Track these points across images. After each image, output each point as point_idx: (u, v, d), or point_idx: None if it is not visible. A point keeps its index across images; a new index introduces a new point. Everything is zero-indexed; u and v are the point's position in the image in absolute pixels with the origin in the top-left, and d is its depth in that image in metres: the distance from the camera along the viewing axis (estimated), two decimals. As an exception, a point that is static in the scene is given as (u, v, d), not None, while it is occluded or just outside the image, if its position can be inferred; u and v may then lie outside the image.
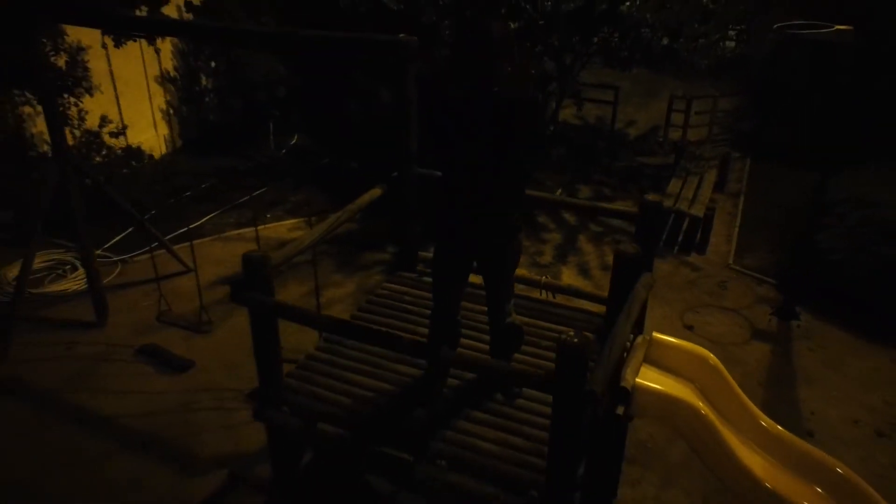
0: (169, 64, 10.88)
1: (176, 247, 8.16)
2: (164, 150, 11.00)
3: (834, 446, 5.36)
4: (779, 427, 4.30)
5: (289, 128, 11.80)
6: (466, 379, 3.81)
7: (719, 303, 7.52)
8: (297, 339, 5.42)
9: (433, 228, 3.67)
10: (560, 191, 6.94)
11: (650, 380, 3.98)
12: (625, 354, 4.07)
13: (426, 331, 3.94)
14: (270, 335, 3.46)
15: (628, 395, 3.85)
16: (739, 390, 4.30)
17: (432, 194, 3.70)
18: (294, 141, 11.75)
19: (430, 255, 4.89)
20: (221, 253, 8.38)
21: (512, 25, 6.91)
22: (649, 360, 4.24)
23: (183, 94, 11.21)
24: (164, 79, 10.82)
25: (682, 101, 11.36)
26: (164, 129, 10.98)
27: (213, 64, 11.51)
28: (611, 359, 2.94)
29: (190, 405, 5.95)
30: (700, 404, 3.97)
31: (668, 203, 8.69)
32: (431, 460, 3.30)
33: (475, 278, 4.12)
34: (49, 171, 6.45)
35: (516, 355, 3.97)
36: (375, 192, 4.57)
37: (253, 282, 3.31)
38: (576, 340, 2.68)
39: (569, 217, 9.46)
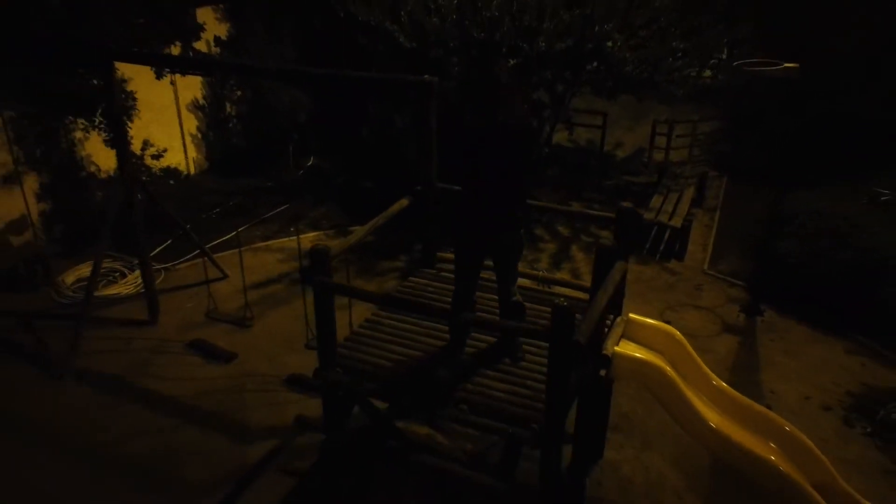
0: (198, 93, 11.97)
1: (199, 260, 9.22)
2: (192, 171, 12.04)
3: (787, 417, 6.27)
4: (732, 389, 5.33)
5: (306, 150, 12.86)
6: (480, 349, 4.81)
7: (695, 302, 8.55)
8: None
9: (453, 229, 4.70)
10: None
11: (627, 350, 5.01)
12: (606, 330, 5.11)
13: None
14: (329, 310, 4.46)
15: (609, 361, 4.88)
16: (699, 360, 5.33)
17: (454, 202, 4.70)
18: (311, 162, 12.81)
19: (447, 254, 5.92)
20: (252, 262, 9.37)
21: (511, 62, 8.01)
22: (626, 336, 5.27)
23: (210, 120, 12.29)
24: (193, 106, 11.91)
25: (665, 126, 12.51)
26: (192, 152, 12.04)
27: (238, 93, 12.61)
28: (592, 318, 3.94)
29: (237, 388, 6.93)
30: (667, 368, 5.00)
31: (650, 216, 9.77)
32: (455, 405, 4.29)
33: (484, 273, 5.15)
34: (116, 188, 7.46)
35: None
36: (403, 202, 5.60)
37: (318, 268, 4.32)
38: (565, 304, 3.70)
39: (562, 229, 10.52)
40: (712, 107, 14.22)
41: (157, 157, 10.15)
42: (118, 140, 7.22)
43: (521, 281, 5.39)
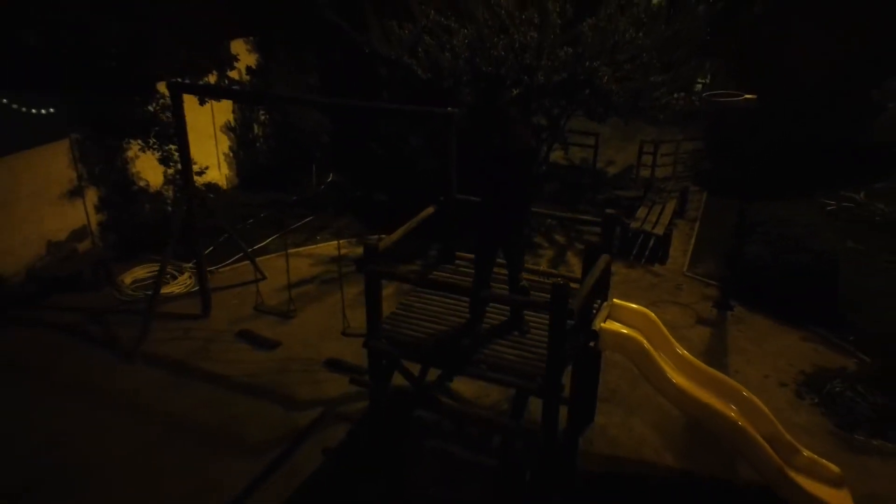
0: (230, 116, 13.26)
1: (240, 265, 10.46)
2: (225, 186, 13.30)
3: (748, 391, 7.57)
4: (698, 361, 6.57)
5: (326, 167, 14.13)
6: (494, 324, 6.03)
7: (675, 299, 9.79)
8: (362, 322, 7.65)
9: (474, 231, 5.94)
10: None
11: (611, 326, 6.25)
12: (594, 312, 6.34)
13: (467, 300, 6.17)
14: (377, 292, 5.68)
15: (596, 335, 6.11)
16: (671, 337, 6.57)
17: (475, 210, 5.93)
18: (330, 178, 14.08)
19: (464, 253, 7.15)
20: (285, 265, 10.59)
21: (514, 92, 9.30)
22: (611, 317, 6.50)
23: (240, 140, 13.58)
24: (226, 128, 13.20)
25: (651, 146, 13.84)
26: (225, 170, 13.31)
27: (263, 116, 13.91)
28: (581, 294, 5.17)
29: (283, 370, 8.13)
30: (643, 341, 6.22)
31: (636, 225, 11.05)
32: (476, 365, 5.51)
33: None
34: (180, 200, 8.71)
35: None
36: (430, 209, 6.84)
37: (369, 259, 5.55)
38: (561, 283, 4.93)
39: (559, 238, 11.79)
40: (695, 128, 15.58)
41: (199, 173, 11.39)
42: (183, 159, 8.47)
43: (524, 275, 6.64)
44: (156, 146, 10.55)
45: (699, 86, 13.20)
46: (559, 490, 6.14)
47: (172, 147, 10.75)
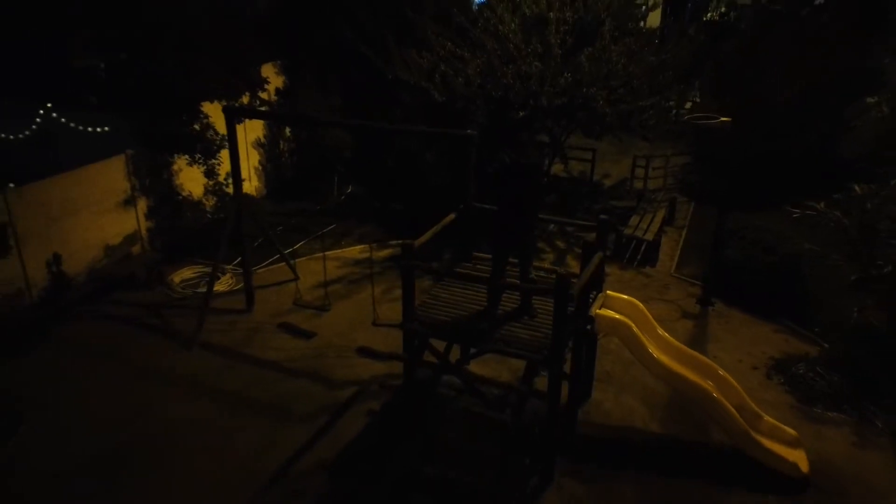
0: (260, 133, 14.53)
1: (275, 266, 11.68)
2: (255, 197, 14.55)
3: (724, 372, 8.77)
4: (678, 342, 7.80)
5: (345, 179, 15.38)
6: (508, 310, 7.24)
7: (663, 297, 11.02)
8: (387, 315, 8.89)
9: (492, 234, 7.18)
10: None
11: (605, 313, 7.47)
12: (591, 301, 7.57)
13: (485, 289, 7.40)
14: (411, 284, 6.89)
15: (593, 320, 7.34)
16: (654, 321, 7.81)
17: (493, 216, 7.16)
18: (349, 190, 15.33)
19: (481, 254, 8.38)
20: (315, 267, 11.78)
21: (520, 114, 10.56)
22: (605, 306, 7.74)
23: (268, 155, 14.84)
24: (256, 144, 14.47)
25: (643, 160, 15.11)
26: (255, 181, 14.56)
27: (289, 133, 15.20)
28: (580, 282, 6.40)
29: (320, 356, 9.33)
30: (632, 325, 7.45)
31: (628, 231, 12.29)
32: (494, 342, 6.72)
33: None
34: (231, 208, 9.95)
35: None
36: (451, 216, 8.07)
37: (406, 255, 6.77)
38: (563, 273, 6.16)
39: (559, 243, 13.03)
40: (684, 144, 16.87)
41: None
42: (234, 172, 9.71)
43: (532, 270, 7.88)
44: (200, 160, 11.81)
45: (689, 104, 14.47)
46: (562, 450, 7.34)
47: (215, 161, 12.04)
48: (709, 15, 30.49)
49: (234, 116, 9.37)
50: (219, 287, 11.04)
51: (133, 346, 9.46)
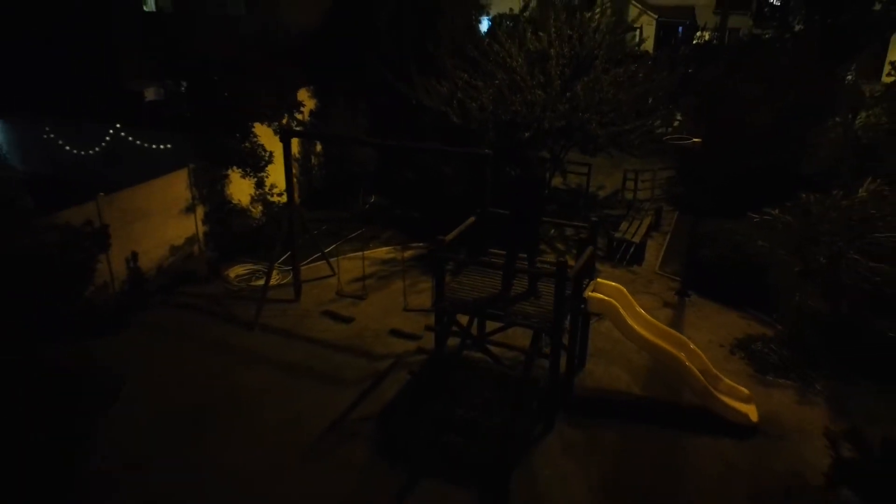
0: (296, 149, 16.42)
1: (313, 264, 13.53)
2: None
3: (695, 349, 10.60)
4: (655, 320, 9.65)
5: (369, 190, 17.26)
6: (518, 292, 9.08)
7: (648, 290, 12.85)
8: (414, 303, 10.74)
9: (506, 234, 9.04)
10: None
11: (596, 295, 9.33)
12: (585, 287, 9.42)
13: (500, 276, 9.25)
14: (442, 271, 8.74)
15: (586, 301, 9.20)
16: (636, 303, 9.67)
17: (506, 220, 9.01)
18: (373, 199, 17.21)
19: (494, 250, 10.22)
20: (348, 265, 13.59)
21: (526, 134, 12.43)
22: (596, 290, 9.60)
23: (301, 168, 16.73)
24: (292, 159, 16.34)
25: (633, 173, 17.00)
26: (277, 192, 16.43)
27: (319, 148, 17.10)
28: (575, 268, 8.25)
29: (360, 336, 11.15)
30: (618, 305, 9.30)
31: (619, 235, 14.15)
32: (507, 316, 8.57)
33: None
34: (285, 214, 11.83)
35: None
36: (471, 220, 9.91)
37: (439, 248, 8.63)
38: (562, 261, 8.02)
39: (559, 245, 14.89)
40: (670, 159, 18.78)
41: (280, 194, 14.56)
42: (288, 184, 11.59)
43: (537, 261, 9.74)
44: (251, 173, 13.71)
45: (677, 122, 16.39)
46: (561, 406, 9.16)
47: (262, 174, 13.94)
48: (696, 40, 32.62)
49: (289, 138, 11.25)
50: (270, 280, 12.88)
51: (203, 328, 11.29)
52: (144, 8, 21.00)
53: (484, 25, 20.57)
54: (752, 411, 9.04)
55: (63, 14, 17.00)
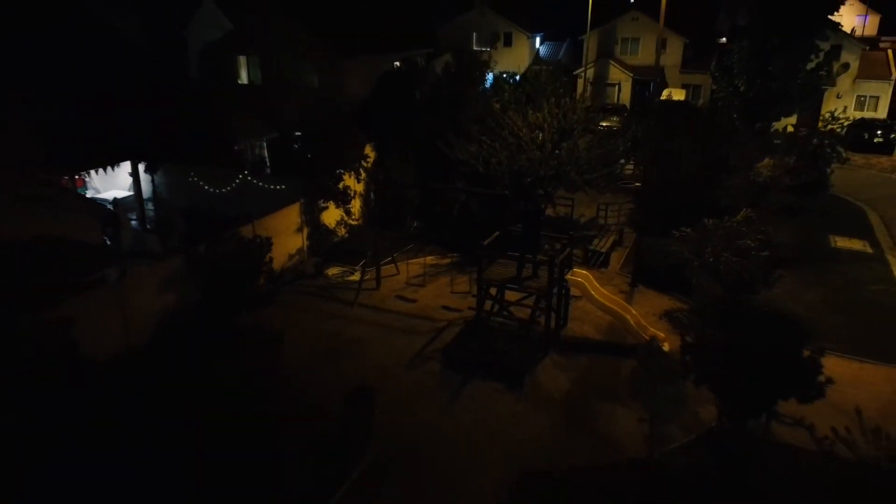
0: (362, 187, 22.44)
1: (385, 266, 19.49)
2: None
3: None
4: (611, 294, 15.65)
5: (413, 217, 23.21)
6: (527, 275, 14.97)
7: (610, 283, 18.76)
8: (456, 289, 16.75)
9: (519, 244, 15.00)
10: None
11: (572, 277, 15.31)
12: (565, 273, 15.40)
13: (515, 263, 15.17)
14: (482, 263, 14.64)
15: (567, 281, 15.19)
16: (597, 284, 15.67)
17: (519, 234, 14.89)
18: (415, 224, 23.18)
19: (511, 252, 16.18)
20: (403, 267, 19.54)
21: (528, 180, 18.49)
22: (572, 274, 15.58)
23: (364, 200, 22.74)
24: (359, 193, 22.38)
25: (605, 205, 23.08)
26: (360, 218, 22.43)
27: (373, 186, 23.14)
28: (560, 259, 14.20)
29: (423, 309, 17.04)
30: (585, 284, 15.28)
31: (592, 247, 20.13)
32: (520, 285, 14.48)
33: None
34: (372, 234, 17.84)
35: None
36: (496, 233, 15.85)
37: (480, 248, 14.56)
38: (552, 254, 13.99)
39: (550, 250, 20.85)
40: (632, 196, 24.88)
41: (356, 220, 20.51)
42: (374, 215, 17.59)
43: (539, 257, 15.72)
44: (341, 206, 19.74)
45: (630, 171, 22.47)
46: (552, 347, 15.04)
47: (348, 206, 19.99)
48: (664, 96, 39.09)
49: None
50: (355, 277, 18.84)
51: (319, 305, 17.18)
52: (239, 81, 27.43)
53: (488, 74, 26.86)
54: (666, 344, 14.96)
55: (189, 95, 23.23)
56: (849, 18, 72.38)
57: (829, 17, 34.67)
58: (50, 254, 13.34)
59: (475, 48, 45.91)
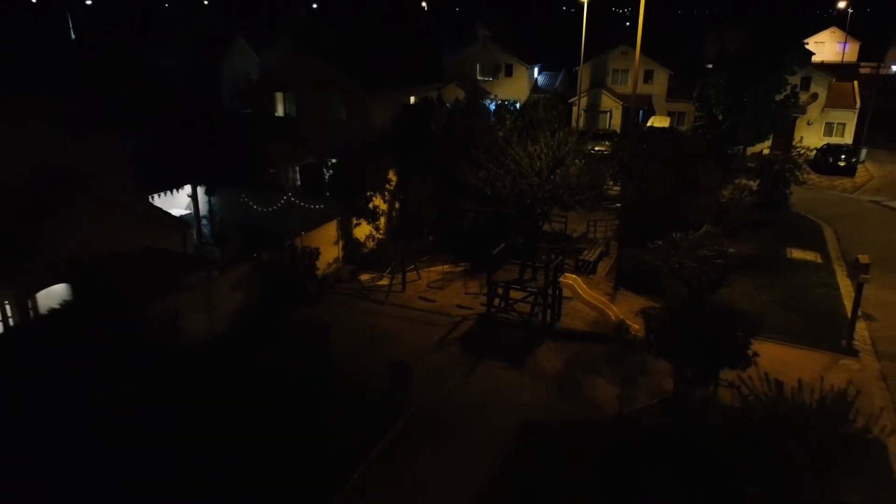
0: (384, 206, 25.95)
1: (409, 272, 23.01)
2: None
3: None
4: (597, 294, 19.16)
5: (429, 231, 26.71)
6: (526, 277, 18.41)
7: (598, 287, 22.18)
8: (470, 290, 20.26)
9: (522, 253, 18.48)
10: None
11: (564, 280, 18.82)
12: (559, 278, 18.90)
13: (518, 266, 18.61)
14: (493, 267, 18.10)
15: (560, 283, 18.70)
16: (585, 285, 19.19)
17: (521, 245, 18.32)
18: (431, 238, 26.66)
19: (514, 260, 19.67)
20: (424, 274, 23.02)
21: (528, 200, 21.99)
22: (564, 278, 19.09)
23: (387, 216, 26.25)
24: (385, 212, 25.89)
25: (594, 222, 26.61)
26: (385, 232, 25.94)
27: (396, 205, 26.68)
28: (553, 265, 17.69)
29: (442, 307, 20.54)
30: (574, 285, 18.78)
31: (583, 257, 23.62)
32: (522, 286, 17.93)
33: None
34: (398, 246, 21.37)
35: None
36: (503, 244, 19.32)
37: (490, 255, 18.04)
38: (547, 261, 17.48)
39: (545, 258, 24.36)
40: (617, 213, 28.44)
41: (382, 234, 24.01)
42: (399, 230, 21.13)
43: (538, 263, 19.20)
44: (371, 222, 23.28)
45: (615, 191, 26.09)
46: (547, 336, 18.48)
47: (377, 222, 23.55)
48: (649, 124, 42.81)
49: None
50: (384, 282, 22.32)
51: (356, 304, 20.62)
52: (276, 114, 31.15)
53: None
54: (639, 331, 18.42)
55: (236, 128, 26.87)
56: (830, 46, 76.77)
57: (803, 46, 38.52)
58: (154, 260, 16.85)
59: (479, 77, 49.77)
